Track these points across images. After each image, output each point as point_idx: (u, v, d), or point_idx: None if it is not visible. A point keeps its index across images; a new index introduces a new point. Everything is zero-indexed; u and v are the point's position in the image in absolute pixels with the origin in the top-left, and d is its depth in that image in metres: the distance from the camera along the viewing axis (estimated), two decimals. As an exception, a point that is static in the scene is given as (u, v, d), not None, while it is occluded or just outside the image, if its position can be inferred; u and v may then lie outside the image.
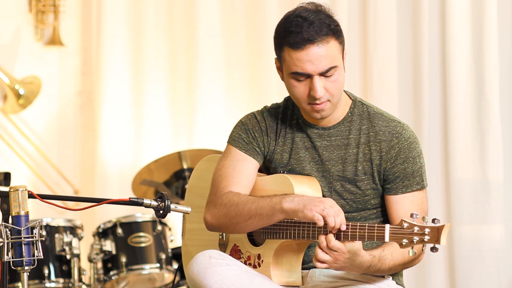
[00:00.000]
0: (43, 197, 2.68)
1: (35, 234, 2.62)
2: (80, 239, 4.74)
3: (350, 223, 2.72)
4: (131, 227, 4.80)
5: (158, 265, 4.76)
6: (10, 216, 2.61)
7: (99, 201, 2.73)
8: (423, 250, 2.60)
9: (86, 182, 5.75)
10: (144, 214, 4.83)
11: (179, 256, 4.80)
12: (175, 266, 4.83)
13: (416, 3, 5.01)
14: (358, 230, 2.70)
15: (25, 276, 2.63)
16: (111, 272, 4.75)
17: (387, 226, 2.64)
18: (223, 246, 3.08)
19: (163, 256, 4.77)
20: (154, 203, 2.72)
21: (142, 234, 4.79)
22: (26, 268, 2.62)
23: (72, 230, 4.74)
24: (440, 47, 4.98)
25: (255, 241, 3.01)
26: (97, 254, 4.74)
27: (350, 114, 2.98)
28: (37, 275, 4.60)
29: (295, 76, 2.85)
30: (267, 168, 3.06)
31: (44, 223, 4.65)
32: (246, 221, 2.88)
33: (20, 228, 2.60)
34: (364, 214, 2.97)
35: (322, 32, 2.81)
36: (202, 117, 5.59)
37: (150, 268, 4.77)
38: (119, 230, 4.76)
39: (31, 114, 5.69)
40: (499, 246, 4.86)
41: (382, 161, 2.93)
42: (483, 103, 4.88)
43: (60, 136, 5.80)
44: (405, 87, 5.07)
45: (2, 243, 2.58)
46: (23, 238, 2.60)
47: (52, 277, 4.65)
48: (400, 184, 2.92)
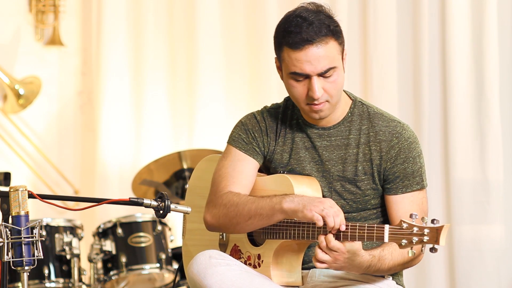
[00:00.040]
0: (43, 197, 2.68)
1: (35, 234, 2.62)
2: (80, 239, 4.74)
3: (350, 224, 2.72)
4: (131, 227, 4.80)
5: (158, 265, 4.76)
6: (10, 216, 2.61)
7: (99, 201, 2.73)
8: (422, 251, 2.60)
9: (86, 182, 5.75)
10: (144, 214, 4.83)
11: (179, 256, 4.80)
12: (175, 266, 4.82)
13: (416, 3, 5.01)
14: (357, 231, 2.70)
15: (25, 276, 2.63)
16: (111, 272, 4.75)
17: (387, 227, 2.64)
18: (223, 246, 3.08)
19: (163, 256, 4.77)
20: (154, 203, 2.72)
21: (142, 234, 4.79)
22: (26, 268, 2.62)
23: (72, 230, 4.74)
24: (440, 47, 4.98)
25: (255, 241, 3.01)
26: (97, 254, 4.74)
27: (350, 114, 2.98)
28: (37, 275, 4.60)
29: (294, 76, 2.85)
30: (267, 168, 3.06)
31: (44, 223, 4.65)
32: (246, 221, 2.88)
33: (20, 228, 2.60)
34: (364, 214, 2.97)
35: (322, 33, 2.80)
36: (202, 117, 5.59)
37: (150, 268, 4.77)
38: (119, 230, 4.76)
39: (31, 114, 5.69)
40: (499, 246, 4.86)
41: (382, 161, 2.93)
42: (483, 103, 4.88)
43: (60, 136, 5.79)
44: (405, 87, 5.07)
45: (2, 243, 2.58)
46: (23, 238, 2.60)
47: (52, 277, 4.65)
48: (400, 184, 2.92)
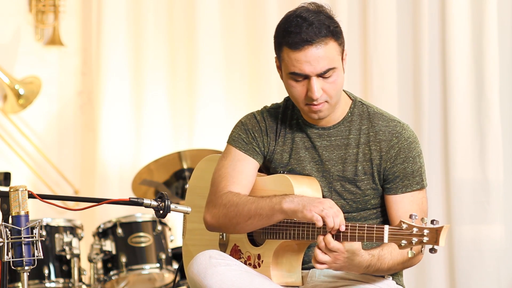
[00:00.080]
0: (43, 197, 2.68)
1: (35, 234, 2.62)
2: (80, 239, 4.74)
3: (349, 224, 2.72)
4: (131, 227, 4.80)
5: (158, 265, 4.76)
6: (10, 216, 2.61)
7: (99, 201, 2.73)
8: (422, 251, 2.60)
9: (86, 182, 5.75)
10: (144, 214, 4.83)
11: (179, 256, 4.80)
12: (175, 266, 4.82)
13: (416, 3, 5.01)
14: (357, 231, 2.70)
15: (25, 276, 2.63)
16: (111, 272, 4.75)
17: (386, 227, 2.64)
18: (223, 246, 3.08)
19: (163, 256, 4.77)
20: (154, 203, 2.72)
21: (142, 234, 4.79)
22: (26, 268, 2.62)
23: (72, 230, 4.74)
24: (440, 47, 4.98)
25: (255, 241, 3.01)
26: (97, 254, 4.74)
27: (350, 114, 2.98)
28: (37, 275, 4.60)
29: (293, 76, 2.85)
30: (267, 168, 3.06)
31: (44, 223, 4.65)
32: (245, 221, 2.88)
33: (20, 228, 2.60)
34: (364, 214, 2.97)
35: (321, 34, 2.80)
36: (202, 117, 5.59)
37: (150, 268, 4.76)
38: (119, 230, 4.76)
39: (31, 114, 5.69)
40: (499, 246, 4.86)
41: (382, 161, 2.93)
42: (483, 103, 4.88)
43: (60, 136, 5.79)
44: (405, 87, 5.07)
45: (2, 243, 2.58)
46: (23, 238, 2.60)
47: (52, 277, 4.65)
48: (400, 184, 2.92)
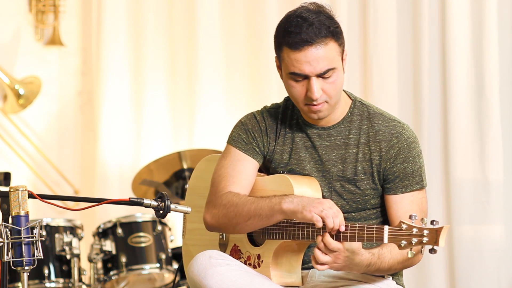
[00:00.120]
0: (43, 197, 2.68)
1: (35, 234, 2.62)
2: (80, 239, 4.74)
3: (349, 224, 2.72)
4: (131, 227, 4.80)
5: (158, 265, 4.76)
6: (10, 216, 2.61)
7: (99, 201, 2.73)
8: (421, 252, 2.60)
9: (86, 182, 5.75)
10: (144, 214, 4.83)
11: (179, 256, 4.80)
12: (175, 266, 4.82)
13: (416, 3, 5.01)
14: (357, 231, 2.69)
15: (25, 276, 2.63)
16: (111, 272, 4.75)
17: (386, 228, 2.64)
18: (223, 246, 3.08)
19: (163, 256, 4.77)
20: (154, 203, 2.72)
21: (142, 234, 4.79)
22: (26, 268, 2.62)
23: (72, 230, 4.74)
24: (440, 47, 4.98)
25: (255, 241, 3.01)
26: (97, 254, 4.74)
27: (350, 114, 2.98)
28: (37, 275, 4.60)
29: (293, 76, 2.85)
30: (267, 168, 3.06)
31: (44, 223, 4.65)
32: (245, 221, 2.88)
33: (20, 228, 2.60)
34: (364, 214, 2.97)
35: (321, 34, 2.80)
36: (202, 117, 5.59)
37: (150, 268, 4.76)
38: (119, 230, 4.76)
39: (31, 114, 5.69)
40: (499, 246, 4.86)
41: (381, 161, 2.93)
42: (483, 103, 4.88)
43: (60, 136, 5.79)
44: (405, 87, 5.07)
45: (2, 243, 2.58)
46: (23, 238, 2.60)
47: (52, 277, 4.65)
48: (399, 184, 2.92)
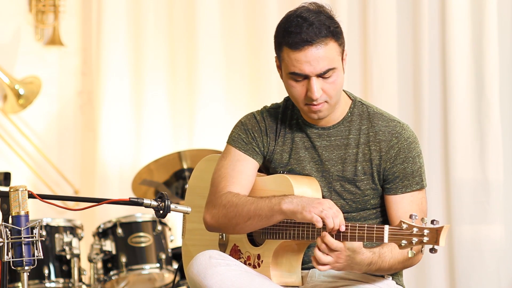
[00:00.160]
0: (43, 197, 2.68)
1: (35, 234, 2.62)
2: (80, 239, 4.74)
3: (349, 224, 2.72)
4: (131, 227, 4.80)
5: (158, 265, 4.76)
6: (10, 216, 2.61)
7: (99, 201, 2.73)
8: (422, 251, 2.60)
9: (86, 182, 5.75)
10: (144, 214, 4.83)
11: (179, 256, 4.80)
12: (175, 266, 4.82)
13: (416, 3, 5.01)
14: (357, 231, 2.69)
15: (25, 276, 2.63)
16: (111, 272, 4.75)
17: (386, 227, 2.64)
18: (223, 246, 3.08)
19: (163, 256, 4.77)
20: (154, 203, 2.72)
21: (142, 234, 4.79)
22: (26, 268, 2.62)
23: (72, 230, 4.74)
24: (440, 47, 4.98)
25: (254, 241, 3.01)
26: (97, 254, 4.74)
27: (349, 114, 2.98)
28: (37, 275, 4.60)
29: (293, 76, 2.85)
30: (267, 168, 3.06)
31: (44, 223, 4.65)
32: (245, 222, 2.88)
33: (20, 228, 2.60)
34: (364, 214, 2.96)
35: (321, 34, 2.80)
36: (202, 117, 5.59)
37: (150, 268, 4.77)
38: (119, 230, 4.76)
39: (31, 114, 5.69)
40: (499, 246, 4.86)
41: (381, 161, 2.93)
42: (483, 103, 4.88)
43: (60, 136, 5.79)
44: (405, 87, 5.06)
45: (2, 243, 2.58)
46: (23, 238, 2.60)
47: (52, 277, 4.65)
48: (399, 184, 2.92)
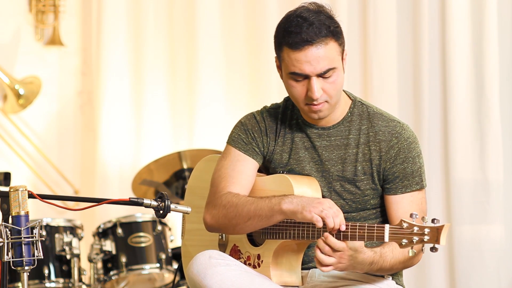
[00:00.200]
0: (43, 197, 2.68)
1: (35, 234, 2.62)
2: (80, 239, 4.74)
3: (350, 223, 2.72)
4: (131, 227, 4.80)
5: (158, 265, 4.76)
6: (10, 216, 2.61)
7: (99, 201, 2.73)
8: (422, 250, 2.60)
9: (86, 182, 5.75)
10: (144, 214, 4.83)
11: (179, 256, 4.80)
12: (175, 266, 4.82)
13: (416, 3, 5.01)
14: (357, 230, 2.70)
15: (25, 276, 2.63)
16: (111, 272, 4.75)
17: (387, 226, 2.64)
18: (222, 246, 3.08)
19: (163, 256, 4.77)
20: (154, 203, 2.72)
21: (142, 234, 4.79)
22: (26, 268, 2.62)
23: (72, 230, 4.74)
24: (440, 47, 4.98)
25: (254, 241, 3.01)
26: (97, 254, 4.74)
27: (349, 114, 2.98)
28: (37, 275, 4.60)
29: (293, 76, 2.85)
30: (267, 168, 3.06)
31: (44, 223, 4.65)
32: (245, 222, 2.88)
33: (20, 228, 2.60)
34: (364, 214, 2.96)
35: (321, 34, 2.80)
36: (202, 117, 5.59)
37: (150, 268, 4.77)
38: (119, 230, 4.76)
39: (31, 114, 5.69)
40: (499, 246, 4.86)
41: (381, 161, 2.93)
42: (483, 103, 4.88)
43: (60, 136, 5.79)
44: (405, 87, 5.06)
45: (2, 243, 2.58)
46: (23, 238, 2.60)
47: (52, 277, 4.65)
48: (399, 184, 2.92)
